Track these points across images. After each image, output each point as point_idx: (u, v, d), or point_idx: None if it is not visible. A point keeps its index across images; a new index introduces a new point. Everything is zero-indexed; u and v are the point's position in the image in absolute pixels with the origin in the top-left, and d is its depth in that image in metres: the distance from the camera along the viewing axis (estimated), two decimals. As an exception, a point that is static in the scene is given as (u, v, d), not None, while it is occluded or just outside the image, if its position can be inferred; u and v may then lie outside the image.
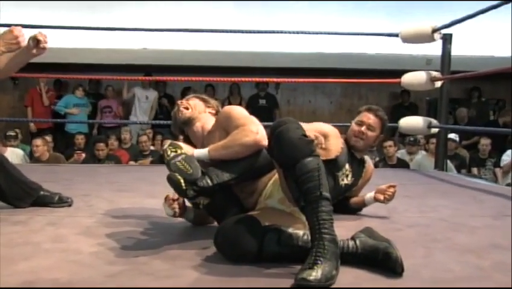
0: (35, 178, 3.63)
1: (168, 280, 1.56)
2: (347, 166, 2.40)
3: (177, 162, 1.87)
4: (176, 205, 2.17)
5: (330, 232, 1.60)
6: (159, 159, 6.17)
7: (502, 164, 6.43)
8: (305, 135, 1.72)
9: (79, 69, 8.39)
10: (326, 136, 2.25)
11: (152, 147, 6.94)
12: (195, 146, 2.19)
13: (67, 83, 9.10)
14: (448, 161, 5.12)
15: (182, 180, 1.84)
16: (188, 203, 2.17)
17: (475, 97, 9.07)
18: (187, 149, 1.99)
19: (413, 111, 7.87)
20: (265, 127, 2.04)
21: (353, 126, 2.56)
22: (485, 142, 6.78)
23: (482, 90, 9.25)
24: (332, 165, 2.26)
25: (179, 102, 2.32)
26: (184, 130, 2.31)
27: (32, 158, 6.18)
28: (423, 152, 6.54)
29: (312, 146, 1.70)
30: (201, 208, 2.02)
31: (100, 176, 4.14)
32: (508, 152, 6.55)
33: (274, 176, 2.02)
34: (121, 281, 1.55)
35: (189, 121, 2.26)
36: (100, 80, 8.88)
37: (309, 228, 1.64)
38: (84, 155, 6.28)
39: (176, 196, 2.14)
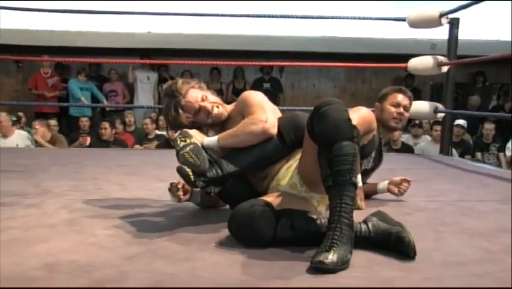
0: (44, 162, 3.68)
1: (186, 263, 1.58)
2: (373, 153, 2.45)
3: (185, 154, 1.88)
4: (180, 192, 2.20)
5: (349, 217, 1.62)
6: (166, 142, 6.20)
7: (507, 152, 6.44)
8: (350, 119, 1.73)
9: (82, 52, 8.39)
10: (363, 123, 2.18)
11: (156, 131, 6.97)
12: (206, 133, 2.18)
13: (69, 66, 9.10)
14: (453, 149, 5.13)
15: (190, 172, 1.87)
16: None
17: (480, 81, 9.06)
18: (197, 136, 1.99)
19: (416, 95, 7.85)
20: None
21: (390, 108, 2.62)
22: (489, 127, 6.79)
23: (487, 74, 9.23)
24: (361, 153, 2.28)
25: (199, 103, 2.14)
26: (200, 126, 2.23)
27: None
28: (428, 138, 6.56)
29: (354, 132, 1.71)
30: (212, 196, 2.05)
31: (108, 159, 4.16)
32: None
33: (288, 163, 2.04)
34: (139, 263, 1.57)
35: (225, 118, 2.20)
36: (100, 63, 8.88)
37: (330, 209, 1.65)
38: (89, 138, 6.32)
39: (180, 184, 2.18)
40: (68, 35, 8.78)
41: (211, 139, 2.03)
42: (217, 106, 2.17)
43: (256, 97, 2.11)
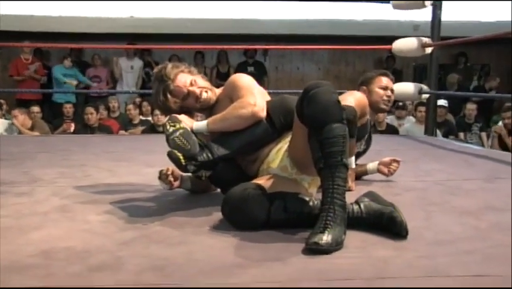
0: (31, 149, 3.65)
1: (181, 247, 1.59)
2: (366, 136, 2.50)
3: (175, 138, 1.89)
4: (171, 178, 2.19)
5: (341, 198, 1.64)
6: (151, 128, 6.18)
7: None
8: (339, 101, 1.74)
9: (63, 38, 8.27)
10: (359, 107, 2.23)
11: (141, 116, 6.94)
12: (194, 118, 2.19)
13: (48, 52, 8.97)
14: (437, 130, 5.19)
15: (181, 157, 1.88)
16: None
17: (462, 62, 9.14)
18: (186, 121, 2.00)
19: (397, 77, 7.89)
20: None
21: (379, 91, 2.70)
22: (471, 108, 6.86)
23: (468, 55, 9.31)
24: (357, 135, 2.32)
25: (187, 88, 2.13)
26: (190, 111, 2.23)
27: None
28: (412, 119, 6.61)
29: (343, 113, 1.73)
30: (203, 180, 2.06)
31: (95, 146, 4.14)
32: (494, 117, 6.65)
33: (278, 146, 2.05)
34: (134, 249, 1.58)
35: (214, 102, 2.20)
36: (82, 49, 8.78)
37: (322, 190, 1.67)
38: (73, 125, 6.28)
39: (170, 171, 2.18)
40: (48, 20, 8.64)
41: (200, 124, 2.03)
42: (206, 91, 2.17)
43: (244, 81, 2.11)
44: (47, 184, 2.54)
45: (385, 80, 2.71)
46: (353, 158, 2.40)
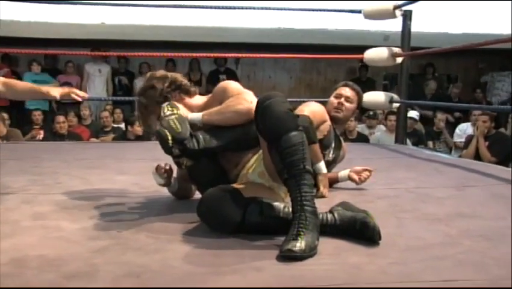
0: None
1: (157, 254, 1.59)
2: (332, 143, 2.56)
3: (169, 120, 1.91)
4: (166, 174, 2.21)
5: (311, 204, 1.66)
6: (122, 135, 6.13)
7: (455, 138, 6.64)
8: (291, 110, 1.77)
9: (32, 44, 8.14)
10: (314, 116, 2.32)
11: (113, 124, 6.88)
12: None
13: (16, 58, 8.83)
14: (407, 139, 5.27)
15: (169, 137, 1.87)
16: (175, 175, 2.25)
17: (430, 73, 9.32)
18: (183, 111, 2.04)
19: (370, 86, 8.02)
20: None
21: (332, 99, 2.77)
22: (441, 118, 6.98)
23: (436, 66, 9.50)
24: (321, 144, 2.40)
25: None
26: None
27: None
28: (382, 128, 6.71)
29: (297, 121, 1.75)
30: (183, 168, 2.07)
31: (66, 152, 4.08)
32: (461, 125, 6.78)
33: (258, 152, 2.07)
34: (109, 256, 1.57)
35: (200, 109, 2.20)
36: (57, 55, 8.68)
37: (291, 200, 1.69)
38: (42, 132, 6.18)
39: (167, 166, 2.20)
40: (16, 25, 8.49)
41: (195, 115, 2.07)
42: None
43: (236, 86, 2.15)
44: (18, 192, 2.50)
45: (342, 90, 2.78)
46: (322, 162, 2.44)
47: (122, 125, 6.60)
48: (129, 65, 8.84)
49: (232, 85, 2.14)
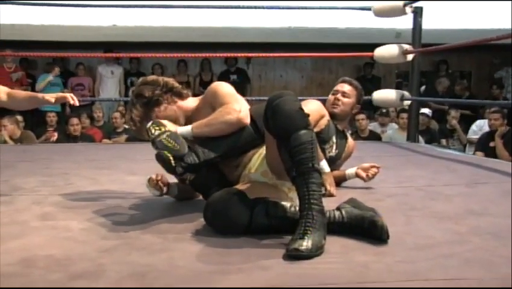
0: (11, 158, 3.62)
1: (163, 254, 1.59)
2: (333, 138, 2.55)
3: (163, 140, 1.88)
4: (161, 184, 2.20)
5: (318, 203, 1.66)
6: (134, 136, 6.14)
7: (469, 135, 6.58)
8: (302, 108, 1.77)
9: (46, 47, 8.22)
10: (311, 114, 2.31)
11: (125, 125, 6.90)
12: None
13: (35, 61, 8.91)
14: (419, 136, 5.23)
15: (171, 157, 1.86)
16: (170, 180, 2.23)
17: (443, 70, 9.22)
18: (170, 126, 2.00)
19: (376, 83, 7.98)
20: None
21: (330, 96, 2.79)
22: (455, 115, 6.93)
23: (449, 62, 9.41)
24: (319, 139, 2.34)
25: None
26: None
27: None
28: (395, 126, 6.67)
29: (308, 120, 1.75)
30: (187, 183, 2.07)
31: (77, 154, 4.11)
32: (478, 122, 6.71)
33: (259, 151, 2.07)
34: (116, 256, 1.58)
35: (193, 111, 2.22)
36: (67, 58, 8.74)
37: (299, 198, 1.69)
38: (56, 134, 6.22)
39: (159, 176, 2.18)
40: (30, 29, 8.58)
41: (185, 129, 2.04)
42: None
43: (226, 88, 2.14)
44: (28, 193, 2.52)
45: (339, 86, 2.80)
46: (324, 161, 2.43)
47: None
48: (141, 67, 8.86)
49: (222, 89, 2.12)
